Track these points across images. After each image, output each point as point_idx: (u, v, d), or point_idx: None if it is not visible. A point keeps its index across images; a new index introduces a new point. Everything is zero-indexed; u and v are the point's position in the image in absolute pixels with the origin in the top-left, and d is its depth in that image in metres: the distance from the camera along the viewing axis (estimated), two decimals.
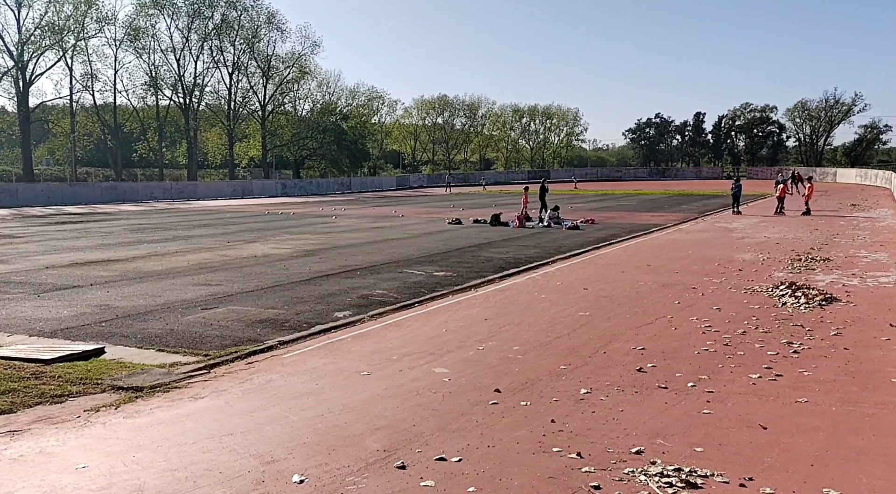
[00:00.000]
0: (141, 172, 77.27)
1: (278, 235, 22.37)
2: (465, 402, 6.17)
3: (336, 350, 8.07)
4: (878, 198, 40.36)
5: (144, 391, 6.53)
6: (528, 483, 4.54)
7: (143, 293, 11.70)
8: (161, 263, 15.58)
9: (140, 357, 7.74)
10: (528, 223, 24.84)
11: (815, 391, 6.35)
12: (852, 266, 14.14)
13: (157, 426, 5.68)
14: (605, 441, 5.23)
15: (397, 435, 5.40)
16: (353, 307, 10.42)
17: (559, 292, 11.60)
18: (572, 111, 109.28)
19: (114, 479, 4.66)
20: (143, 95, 69.37)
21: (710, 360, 7.41)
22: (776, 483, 4.47)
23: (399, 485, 4.53)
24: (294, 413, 5.93)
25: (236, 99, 72.93)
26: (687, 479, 4.52)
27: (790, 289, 10.99)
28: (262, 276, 13.55)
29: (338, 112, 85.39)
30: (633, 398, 6.24)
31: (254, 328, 9.16)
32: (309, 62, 76.35)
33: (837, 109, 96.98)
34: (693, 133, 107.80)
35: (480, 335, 8.67)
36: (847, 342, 8.07)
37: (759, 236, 20.23)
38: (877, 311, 9.80)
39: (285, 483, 4.57)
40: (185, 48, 67.82)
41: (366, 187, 67.10)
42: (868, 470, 4.66)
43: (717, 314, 9.69)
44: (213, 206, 42.02)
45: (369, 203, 42.86)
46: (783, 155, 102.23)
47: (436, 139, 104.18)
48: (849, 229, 22.23)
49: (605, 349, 7.92)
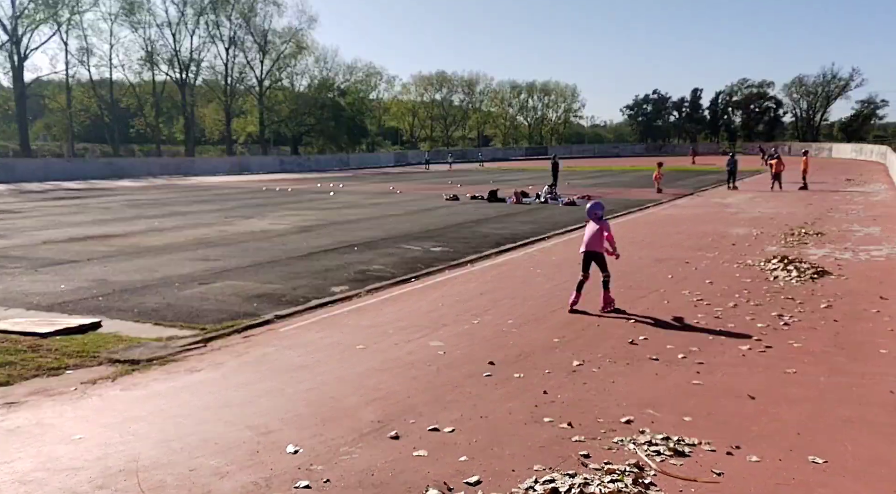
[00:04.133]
0: (138, 148, 76.92)
1: (276, 211, 22.35)
2: (459, 374, 6.25)
3: (332, 324, 8.13)
4: (872, 173, 40.31)
5: (141, 364, 6.60)
6: (519, 452, 4.63)
7: (141, 268, 11.73)
8: (159, 238, 15.59)
9: (137, 331, 7.79)
10: (525, 199, 24.82)
11: (804, 362, 6.43)
12: (845, 240, 14.20)
13: (153, 398, 5.75)
14: (596, 411, 5.31)
15: (391, 407, 5.47)
16: (349, 282, 10.47)
17: (555, 267, 11.65)
18: (570, 88, 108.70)
19: (109, 450, 4.73)
20: (139, 70, 68.77)
21: (701, 332, 7.48)
22: (762, 452, 4.56)
23: (392, 455, 4.61)
24: (289, 386, 6.00)
25: (233, 74, 72.31)
26: (675, 448, 4.60)
27: (782, 263, 11.05)
28: (259, 251, 13.58)
29: (335, 88, 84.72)
30: (625, 369, 6.32)
31: (251, 302, 9.21)
32: (306, 37, 75.65)
33: (835, 85, 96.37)
34: (690, 109, 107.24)
35: (476, 309, 8.73)
36: (837, 315, 8.14)
37: (753, 212, 20.25)
38: (867, 284, 9.87)
39: (280, 454, 4.65)
40: (181, 23, 67.10)
41: (364, 163, 66.85)
42: (853, 439, 4.75)
43: (710, 288, 9.76)
44: (210, 182, 41.89)
45: (367, 180, 42.74)
46: (780, 131, 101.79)
47: (434, 116, 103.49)
48: (843, 203, 22.25)
49: (599, 322, 7.99)
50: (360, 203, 25.19)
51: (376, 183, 38.67)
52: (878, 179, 34.38)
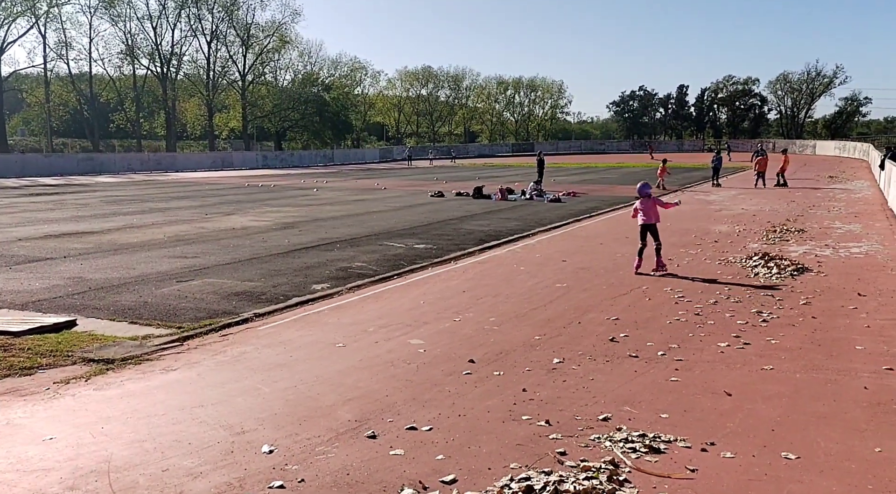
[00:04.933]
0: (118, 144, 76.03)
1: (258, 207, 22.19)
2: (438, 373, 6.22)
3: (312, 323, 8.07)
4: (855, 170, 40.79)
5: (116, 363, 6.50)
6: (496, 450, 4.61)
7: (118, 266, 11.58)
8: (137, 235, 15.41)
9: (112, 330, 7.68)
10: (511, 196, 24.83)
11: (781, 358, 6.47)
12: (826, 237, 14.34)
13: (127, 397, 5.67)
14: (574, 409, 5.31)
15: (369, 406, 5.43)
16: (331, 280, 10.40)
17: (538, 264, 11.66)
18: (557, 84, 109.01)
19: (81, 450, 4.65)
20: (119, 64, 68.07)
21: (681, 329, 7.51)
22: (736, 448, 4.57)
23: (368, 454, 4.57)
24: (266, 385, 5.94)
25: (215, 68, 71.72)
26: (650, 445, 4.60)
27: (763, 260, 11.13)
28: (239, 248, 13.46)
29: (320, 83, 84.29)
30: (604, 367, 6.33)
31: (229, 300, 9.12)
32: (289, 31, 75.23)
33: (819, 82, 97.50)
34: (676, 106, 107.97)
35: (458, 307, 8.71)
36: (815, 311, 8.21)
37: (736, 208, 20.41)
38: (846, 281, 9.96)
39: (254, 454, 4.59)
40: (162, 16, 66.39)
41: (349, 159, 66.59)
42: (826, 435, 4.78)
43: (691, 285, 9.81)
44: (191, 178, 41.52)
45: (352, 176, 42.58)
46: (765, 128, 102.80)
47: (420, 111, 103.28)
48: (825, 200, 22.48)
49: (580, 320, 8.00)
50: (344, 199, 25.07)
51: (361, 179, 38.52)
52: (861, 177, 34.78)
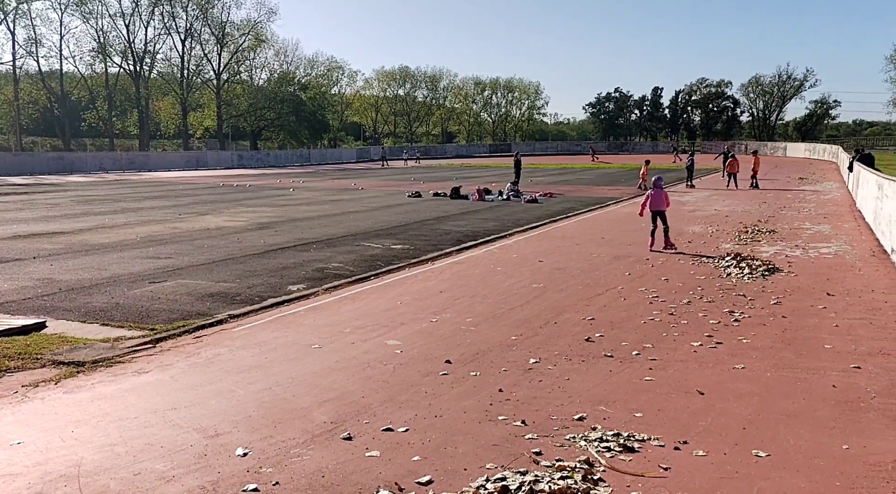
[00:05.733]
0: (90, 143, 74.75)
1: (233, 207, 21.96)
2: (415, 373, 6.21)
3: (288, 324, 8.01)
4: (824, 171, 41.61)
5: (86, 365, 6.39)
6: (471, 450, 4.62)
7: (89, 267, 11.38)
8: (108, 235, 15.16)
9: (83, 332, 7.55)
10: (488, 197, 24.90)
11: (753, 357, 6.58)
12: (796, 238, 14.61)
13: (97, 401, 5.57)
14: (550, 409, 5.34)
15: (345, 407, 5.41)
16: (307, 281, 10.33)
17: (515, 265, 11.70)
18: (533, 85, 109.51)
19: (50, 455, 4.57)
20: (90, 62, 67.03)
21: (655, 329, 7.60)
22: (709, 446, 4.64)
23: (344, 456, 4.55)
24: (241, 387, 5.88)
25: (189, 67, 70.82)
26: (625, 444, 4.65)
27: (735, 260, 11.31)
28: (213, 249, 13.31)
29: (296, 82, 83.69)
30: (580, 367, 6.37)
31: (203, 301, 9.02)
32: (265, 30, 74.59)
33: (790, 85, 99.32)
34: (651, 108, 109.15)
35: (435, 308, 8.71)
36: (785, 311, 8.36)
37: (709, 209, 20.70)
38: (816, 281, 10.16)
39: (228, 457, 4.55)
40: (135, 13, 65.39)
41: (325, 159, 66.22)
42: (796, 433, 4.87)
43: (665, 285, 9.92)
44: (165, 177, 40.96)
45: (329, 176, 42.35)
46: (737, 130, 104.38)
47: (397, 111, 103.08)
48: (795, 201, 22.90)
49: (556, 320, 8.05)
50: (321, 200, 24.92)
51: (338, 179, 38.33)
52: (830, 178, 35.48)
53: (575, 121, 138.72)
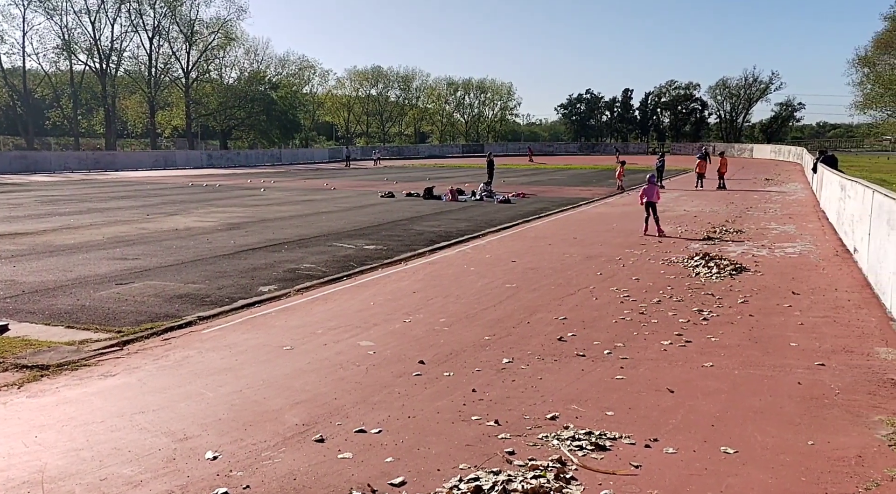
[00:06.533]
0: (55, 141, 73.07)
1: (202, 207, 21.65)
2: (388, 374, 6.19)
3: (259, 325, 7.92)
4: (790, 173, 42.52)
5: (51, 369, 6.24)
6: (445, 451, 4.62)
7: (53, 268, 11.12)
8: (74, 236, 14.83)
9: (47, 335, 7.37)
10: (461, 197, 24.93)
11: (721, 355, 6.69)
12: (762, 238, 14.90)
13: (62, 405, 5.44)
14: (523, 408, 5.37)
15: (317, 409, 5.36)
16: (278, 282, 10.23)
17: (488, 265, 11.73)
18: (506, 85, 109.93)
19: (13, 461, 4.45)
20: (55, 60, 65.38)
21: (626, 328, 7.69)
22: (678, 443, 4.71)
23: (316, 458, 4.52)
24: (211, 390, 5.80)
25: (157, 65, 69.63)
26: (596, 442, 4.69)
27: (704, 260, 11.50)
28: (182, 250, 13.10)
29: (267, 81, 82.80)
30: (552, 366, 6.41)
31: (172, 303, 8.87)
32: (235, 28, 73.68)
33: (756, 87, 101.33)
34: (622, 109, 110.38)
35: (408, 308, 8.68)
36: (752, 310, 8.52)
37: (679, 210, 21.00)
38: (781, 280, 10.38)
39: (197, 460, 4.48)
40: (101, 10, 64.05)
41: (297, 158, 65.64)
42: (763, 429, 4.96)
43: (636, 284, 10.04)
44: (132, 177, 40.22)
45: (300, 176, 41.99)
46: (705, 131, 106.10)
47: (370, 111, 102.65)
48: (762, 202, 23.36)
49: (529, 320, 8.09)
50: (292, 200, 24.70)
51: (309, 179, 38.03)
52: (795, 179, 36.26)
53: (547, 122, 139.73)
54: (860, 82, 66.54)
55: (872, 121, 72.33)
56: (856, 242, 12.04)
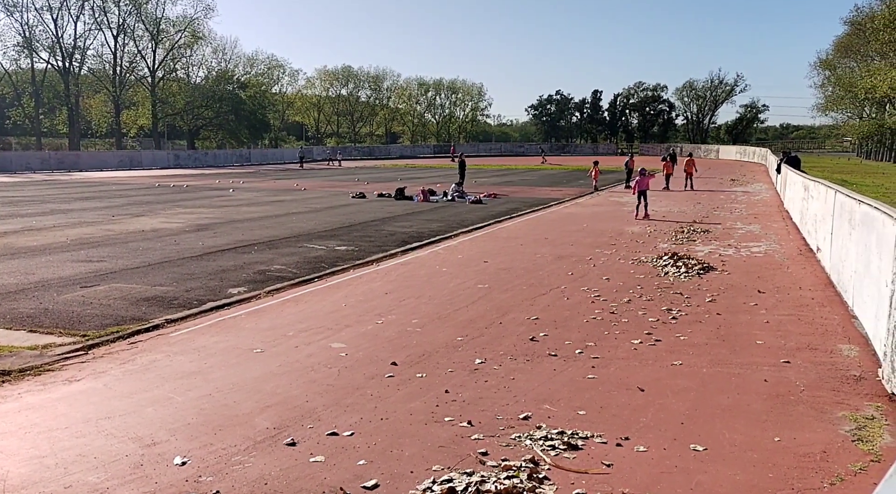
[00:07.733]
0: (15, 141, 71.08)
1: (169, 208, 21.28)
2: (360, 376, 6.15)
3: (228, 328, 7.81)
4: (754, 173, 43.40)
5: (12, 374, 6.06)
6: (418, 453, 4.60)
7: (14, 271, 10.82)
8: (36, 238, 14.45)
9: (8, 339, 7.16)
10: (433, 198, 24.92)
11: (690, 354, 6.79)
12: (729, 237, 15.18)
13: (25, 411, 5.29)
14: (496, 409, 5.38)
15: (289, 412, 5.31)
16: (248, 283, 10.10)
17: (460, 266, 11.74)
18: (477, 86, 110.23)
19: None
20: (15, 57, 63.64)
21: (597, 328, 7.76)
22: (649, 442, 4.76)
23: (287, 462, 4.46)
24: (179, 394, 5.69)
25: (122, 64, 68.28)
26: (568, 441, 4.72)
27: (672, 259, 11.66)
28: (149, 251, 12.86)
29: (235, 80, 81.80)
30: (525, 366, 6.44)
31: (138, 306, 8.69)
32: (202, 27, 72.69)
33: (721, 89, 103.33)
34: (591, 110, 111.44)
35: (380, 309, 8.64)
36: (720, 308, 8.67)
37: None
38: (747, 279, 10.58)
39: (166, 466, 4.39)
40: (63, 7, 62.55)
41: (266, 159, 64.96)
42: (731, 426, 5.05)
43: (606, 284, 10.15)
44: (97, 177, 39.37)
45: (270, 176, 41.55)
46: (673, 133, 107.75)
47: (340, 111, 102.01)
48: (728, 202, 23.80)
49: (501, 320, 8.11)
50: (262, 201, 24.43)
51: (279, 180, 37.66)
52: (760, 180, 37.01)
53: (518, 122, 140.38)
54: (821, 85, 68.00)
55: (833, 123, 73.98)
56: (819, 241, 12.33)
